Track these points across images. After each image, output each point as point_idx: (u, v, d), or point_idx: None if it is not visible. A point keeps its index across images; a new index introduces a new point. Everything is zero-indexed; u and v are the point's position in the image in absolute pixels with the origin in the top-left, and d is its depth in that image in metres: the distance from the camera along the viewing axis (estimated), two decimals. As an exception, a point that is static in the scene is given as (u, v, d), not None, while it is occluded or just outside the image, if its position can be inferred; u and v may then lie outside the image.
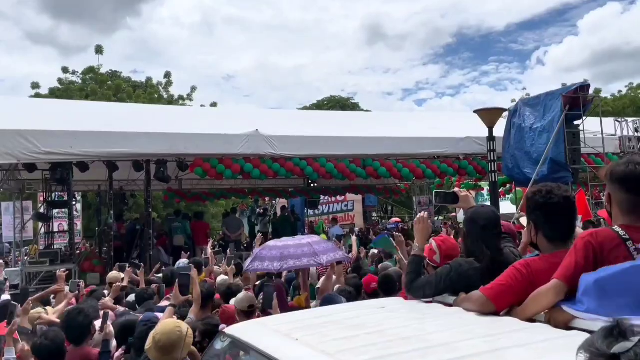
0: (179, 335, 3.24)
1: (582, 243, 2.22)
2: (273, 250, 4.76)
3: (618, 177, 2.26)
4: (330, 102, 36.58)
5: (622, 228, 2.23)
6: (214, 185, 16.21)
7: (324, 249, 4.75)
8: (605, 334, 1.23)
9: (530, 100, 11.56)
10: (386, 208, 28.19)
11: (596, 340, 1.23)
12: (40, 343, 3.80)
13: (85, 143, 9.70)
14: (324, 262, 4.74)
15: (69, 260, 11.19)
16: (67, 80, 24.94)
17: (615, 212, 2.33)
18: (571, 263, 2.21)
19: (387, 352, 1.80)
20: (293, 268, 4.89)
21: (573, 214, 2.51)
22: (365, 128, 13.55)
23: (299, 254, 4.61)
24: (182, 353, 3.26)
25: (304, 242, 4.83)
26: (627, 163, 2.26)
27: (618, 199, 2.28)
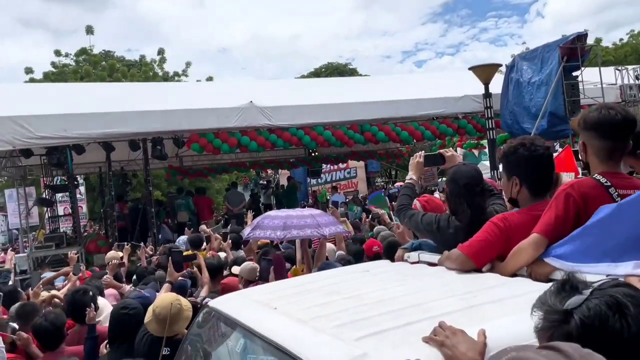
0: (178, 308, 3.29)
1: (563, 195, 2.18)
2: (275, 219, 4.76)
3: (592, 124, 2.21)
4: (327, 69, 36.14)
5: (602, 175, 2.20)
6: (215, 160, 16.18)
7: (326, 222, 4.76)
8: (557, 289, 1.20)
9: (528, 54, 11.36)
10: (390, 172, 28.13)
11: (549, 296, 1.20)
12: (40, 324, 3.85)
13: (79, 125, 9.66)
14: (327, 234, 4.74)
15: (75, 243, 11.28)
16: (61, 64, 24.75)
17: (592, 160, 2.28)
18: (551, 217, 2.17)
19: (361, 316, 1.79)
20: (296, 238, 4.89)
21: (553, 165, 2.48)
22: (362, 93, 13.39)
23: (302, 225, 4.61)
24: (181, 325, 3.31)
25: (306, 213, 4.85)
26: (600, 108, 2.21)
27: (594, 146, 2.24)
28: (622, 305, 1.11)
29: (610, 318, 1.10)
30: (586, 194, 2.16)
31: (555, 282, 1.26)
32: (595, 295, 1.15)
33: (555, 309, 1.17)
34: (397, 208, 3.11)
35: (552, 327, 1.16)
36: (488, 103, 10.14)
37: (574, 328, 1.12)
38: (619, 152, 2.23)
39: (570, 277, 1.22)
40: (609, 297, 1.13)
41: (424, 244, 2.95)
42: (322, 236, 4.91)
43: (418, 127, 12.41)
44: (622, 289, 1.15)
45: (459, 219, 2.73)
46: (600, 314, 1.11)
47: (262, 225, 4.97)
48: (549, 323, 1.17)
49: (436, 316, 1.69)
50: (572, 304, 1.15)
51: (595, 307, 1.12)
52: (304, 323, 1.80)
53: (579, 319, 1.12)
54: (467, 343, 1.46)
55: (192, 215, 14.27)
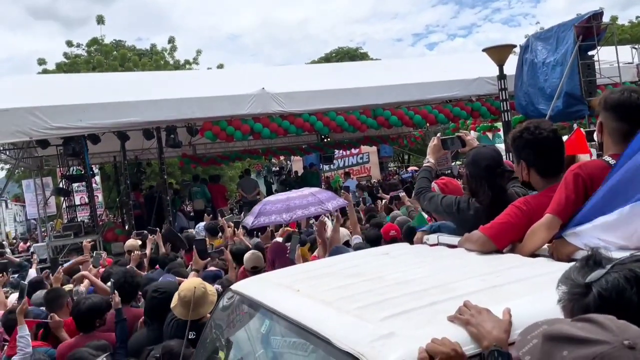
0: (203, 291, 3.35)
1: (571, 176, 2.20)
2: (277, 203, 4.78)
3: (612, 104, 2.20)
4: (338, 54, 35.90)
5: (612, 157, 2.19)
6: (228, 148, 16.26)
7: (326, 197, 4.77)
8: (581, 264, 1.22)
9: (542, 34, 11.17)
10: (402, 157, 28.03)
11: (572, 271, 1.22)
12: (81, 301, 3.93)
13: (94, 115, 9.75)
14: (331, 208, 4.76)
15: (92, 232, 11.44)
16: (73, 54, 24.85)
17: (606, 141, 2.28)
18: (562, 197, 2.19)
19: (383, 297, 1.81)
20: (302, 217, 4.92)
21: (562, 147, 2.47)
22: (374, 77, 13.30)
23: (305, 204, 4.63)
24: (206, 309, 3.37)
25: (305, 192, 4.85)
26: (622, 91, 2.20)
27: (610, 127, 2.23)
28: (639, 279, 1.12)
29: (627, 291, 1.12)
30: (594, 174, 2.17)
31: (580, 258, 1.27)
32: (615, 269, 1.16)
33: (577, 283, 1.19)
34: (416, 191, 3.12)
35: (573, 300, 1.19)
36: (502, 85, 10.02)
37: (591, 300, 1.14)
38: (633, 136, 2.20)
39: (595, 252, 1.24)
40: (628, 271, 1.14)
41: (443, 226, 2.96)
42: (326, 211, 4.91)
43: (431, 111, 12.33)
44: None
45: (479, 200, 2.73)
46: (618, 286, 1.13)
47: (265, 211, 4.96)
48: (570, 296, 1.20)
49: (459, 296, 1.71)
50: (593, 277, 1.17)
51: (614, 280, 1.14)
52: (328, 304, 1.82)
53: (597, 292, 1.14)
54: (493, 321, 1.48)
55: (207, 203, 14.39)
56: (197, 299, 3.26)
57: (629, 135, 2.18)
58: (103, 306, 3.92)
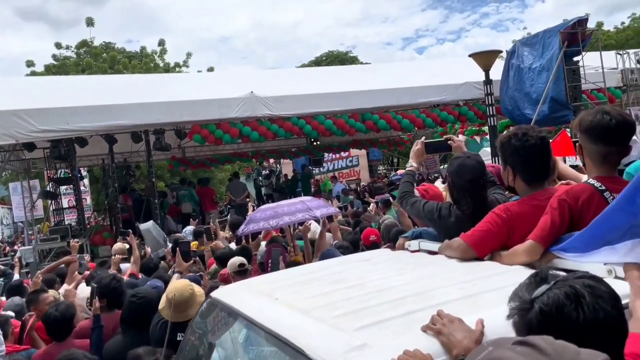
0: (191, 292, 3.35)
1: (557, 202, 2.20)
2: (267, 211, 4.84)
3: (586, 127, 2.21)
4: (328, 57, 35.94)
5: (597, 180, 2.20)
6: (217, 151, 16.22)
7: (316, 205, 4.82)
8: (529, 281, 1.25)
9: (528, 40, 11.29)
10: (392, 160, 28.13)
11: (521, 288, 1.25)
12: (50, 313, 3.90)
13: (81, 118, 9.69)
14: (319, 215, 4.80)
15: (80, 235, 11.34)
16: (62, 56, 24.68)
17: (587, 163, 2.29)
18: (547, 223, 2.19)
19: (361, 305, 1.82)
20: (289, 223, 4.97)
21: (549, 154, 2.47)
22: (363, 82, 13.35)
23: (293, 210, 4.69)
24: (194, 310, 3.37)
25: (296, 200, 4.90)
26: (596, 113, 2.20)
27: (588, 149, 2.24)
28: (579, 295, 1.14)
29: (566, 307, 1.14)
30: (581, 199, 2.17)
31: (529, 275, 1.30)
32: (557, 285, 1.19)
33: (524, 299, 1.22)
34: (400, 195, 3.13)
35: (518, 316, 1.21)
36: (489, 90, 10.11)
37: (533, 316, 1.17)
38: (613, 157, 2.21)
39: (542, 269, 1.27)
40: (569, 287, 1.17)
41: (425, 233, 2.97)
42: (313, 218, 4.95)
43: (419, 115, 12.39)
44: (584, 280, 1.19)
45: (461, 209, 2.75)
46: (558, 302, 1.15)
47: (255, 218, 5.07)
48: (517, 312, 1.22)
49: (436, 305, 1.72)
50: (537, 293, 1.19)
51: (555, 296, 1.16)
52: (304, 313, 1.83)
53: (539, 308, 1.17)
54: (464, 331, 1.49)
55: (195, 206, 14.33)
56: (184, 300, 3.26)
57: (609, 156, 2.19)
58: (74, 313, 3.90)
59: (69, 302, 4.23)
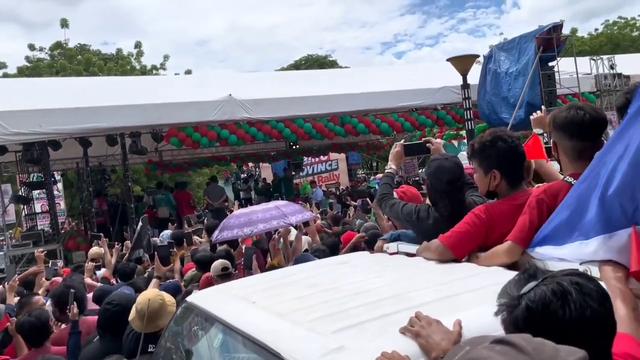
0: (160, 303, 3.26)
1: (535, 201, 2.21)
2: (241, 217, 4.77)
3: (560, 124, 2.23)
4: (307, 61, 35.98)
5: (573, 177, 2.21)
6: (195, 155, 16.06)
7: (292, 211, 4.76)
8: (518, 277, 1.24)
9: (505, 45, 11.44)
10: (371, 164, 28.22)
11: (509, 284, 1.24)
12: (24, 320, 3.81)
13: (55, 121, 9.48)
14: (294, 222, 4.74)
15: (53, 240, 11.10)
16: (35, 58, 24.20)
17: (563, 160, 2.31)
18: (525, 222, 2.20)
19: (338, 308, 1.80)
20: (263, 231, 4.90)
21: (524, 155, 2.50)
22: (342, 85, 13.38)
23: (268, 217, 4.62)
24: (164, 321, 3.29)
25: (271, 206, 4.84)
26: (569, 108, 2.23)
27: (563, 146, 2.26)
28: (566, 292, 1.14)
29: (552, 303, 1.14)
30: (559, 197, 2.17)
31: (518, 272, 1.29)
32: (545, 282, 1.18)
33: (512, 296, 1.21)
34: (379, 197, 3.12)
35: (506, 313, 1.21)
36: (466, 94, 10.21)
37: (520, 312, 1.16)
38: (588, 152, 2.21)
39: (530, 265, 1.26)
40: (556, 284, 1.16)
41: (403, 235, 2.96)
42: (289, 225, 4.90)
43: (398, 119, 12.45)
44: (572, 277, 1.18)
45: (439, 211, 2.75)
46: (544, 299, 1.15)
47: (229, 225, 4.98)
48: (504, 308, 1.21)
49: (413, 307, 1.70)
50: (525, 290, 1.19)
51: (541, 293, 1.16)
52: (281, 317, 1.80)
53: (525, 304, 1.16)
54: (442, 333, 1.48)
55: (172, 211, 14.15)
56: (154, 311, 3.17)
57: (584, 152, 2.20)
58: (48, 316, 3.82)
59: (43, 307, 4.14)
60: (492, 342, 0.95)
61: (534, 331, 1.02)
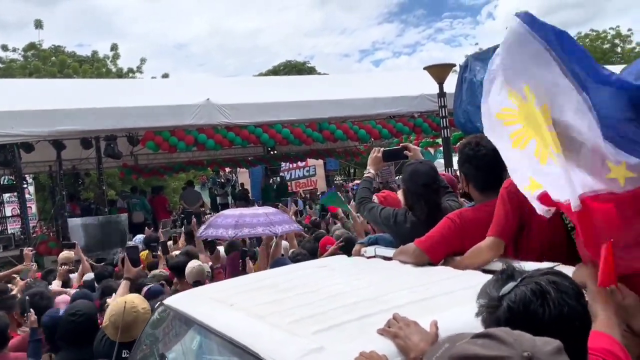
0: (134, 315, 3.18)
1: (507, 193, 2.29)
2: (228, 218, 4.75)
3: None
4: (286, 67, 35.99)
5: None
6: (171, 159, 15.88)
7: (279, 220, 4.76)
8: (496, 278, 1.27)
9: (480, 55, 11.57)
10: (349, 171, 28.32)
11: (488, 285, 1.27)
12: None
13: (28, 123, 9.27)
14: (279, 232, 4.74)
15: (24, 244, 10.83)
16: (8, 59, 23.71)
17: None
18: (500, 216, 2.28)
19: (317, 310, 1.82)
20: (247, 236, 4.90)
21: (502, 164, 2.54)
22: (320, 91, 13.43)
23: (255, 223, 4.61)
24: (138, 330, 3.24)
25: (259, 212, 4.84)
26: None
27: None
28: (545, 292, 1.20)
29: (533, 303, 1.19)
30: None
31: (497, 272, 1.33)
32: (524, 282, 1.23)
33: (492, 296, 1.25)
34: (358, 201, 3.18)
35: (487, 313, 1.25)
36: (442, 102, 10.33)
37: (502, 313, 1.21)
38: None
39: (508, 266, 1.30)
40: (535, 284, 1.21)
41: (380, 239, 3.00)
42: (274, 234, 4.90)
43: (375, 126, 12.54)
44: (549, 277, 1.24)
45: (416, 215, 2.80)
46: (525, 299, 1.20)
47: (215, 223, 4.96)
48: (485, 309, 1.26)
49: (390, 308, 1.73)
50: (504, 291, 1.23)
51: (522, 293, 1.21)
52: (260, 319, 1.80)
53: (507, 305, 1.21)
54: (420, 334, 1.51)
55: (147, 215, 13.97)
56: (128, 323, 3.10)
57: None
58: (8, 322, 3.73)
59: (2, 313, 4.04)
60: (474, 336, 0.99)
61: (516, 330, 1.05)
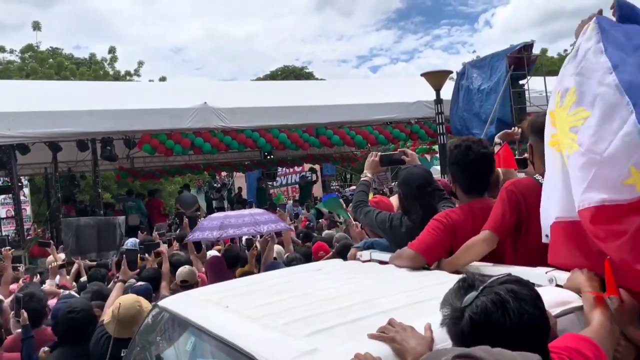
0: (138, 309, 3.25)
1: (506, 193, 2.36)
2: (214, 220, 4.79)
3: (537, 128, 2.36)
4: (283, 72, 36.07)
5: (541, 175, 2.36)
6: (167, 162, 15.85)
7: (265, 220, 4.78)
8: (457, 287, 1.30)
9: (477, 62, 11.71)
10: (345, 176, 28.34)
11: (450, 294, 1.30)
12: None
13: (24, 124, 9.27)
14: (264, 231, 4.76)
15: (18, 247, 10.77)
16: (5, 60, 23.67)
17: (536, 161, 2.45)
18: (498, 213, 2.33)
19: (311, 313, 1.82)
20: (232, 236, 4.94)
21: (489, 169, 2.61)
22: (318, 97, 13.46)
23: (240, 223, 4.64)
24: None
25: (245, 212, 4.86)
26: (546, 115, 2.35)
27: (539, 148, 2.39)
28: (504, 301, 1.23)
29: (494, 313, 1.22)
30: (525, 190, 2.36)
31: (457, 280, 1.35)
32: (484, 293, 1.26)
33: (455, 307, 1.28)
34: (354, 204, 3.19)
35: (450, 324, 1.28)
36: (439, 109, 10.39)
37: (465, 324, 1.24)
38: None
39: (468, 275, 1.33)
40: (494, 295, 1.25)
41: (376, 243, 3.01)
42: (258, 234, 4.92)
43: (372, 132, 12.58)
44: (507, 285, 1.27)
45: (411, 219, 2.81)
46: (486, 310, 1.23)
47: (202, 226, 5.05)
48: (448, 320, 1.29)
49: (384, 312, 1.74)
50: (466, 301, 1.26)
51: (482, 304, 1.24)
52: (254, 320, 1.81)
53: (469, 316, 1.24)
54: (417, 338, 1.52)
55: (143, 218, 13.93)
56: (132, 316, 3.16)
57: None
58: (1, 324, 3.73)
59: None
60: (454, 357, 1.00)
61: (479, 340, 1.12)
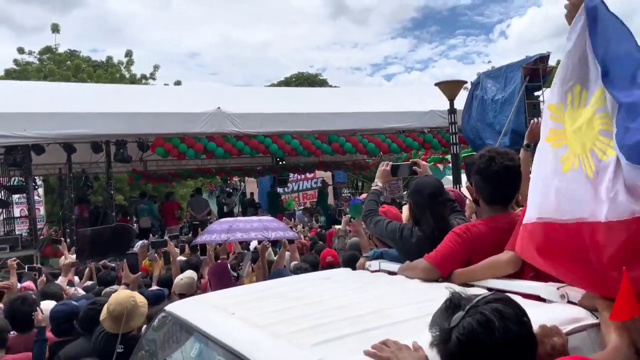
0: (133, 304, 3.29)
1: None
2: (223, 224, 4.83)
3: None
4: (298, 78, 36.18)
5: None
6: (180, 166, 15.95)
7: (274, 227, 4.78)
8: (445, 307, 1.32)
9: (492, 73, 11.63)
10: (356, 184, 28.29)
11: (438, 315, 1.31)
12: None
13: (40, 125, 9.40)
14: (272, 237, 4.75)
15: (30, 246, 10.90)
16: (24, 61, 23.99)
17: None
18: None
19: (319, 322, 1.80)
20: (240, 240, 4.96)
21: (513, 181, 2.47)
22: (331, 104, 13.47)
23: (248, 228, 4.65)
24: (136, 322, 3.34)
25: (255, 218, 4.87)
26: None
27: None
28: (489, 321, 1.26)
29: (480, 334, 1.25)
30: None
31: (445, 300, 1.36)
32: (470, 313, 1.28)
33: (443, 328, 1.30)
34: (364, 213, 3.15)
35: (439, 344, 1.31)
36: (453, 119, 10.33)
37: (453, 345, 1.27)
38: None
39: (453, 294, 1.35)
40: (480, 315, 1.27)
41: (385, 253, 2.97)
42: (267, 239, 4.93)
43: (385, 140, 12.55)
44: (492, 305, 1.29)
45: (422, 229, 2.76)
46: (473, 331, 1.26)
47: (210, 230, 5.12)
48: (436, 341, 1.31)
49: (394, 323, 1.71)
50: (453, 322, 1.28)
51: (469, 325, 1.26)
52: (261, 328, 1.79)
53: (456, 337, 1.27)
54: (413, 358, 1.49)
55: (155, 221, 14.01)
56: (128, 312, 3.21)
57: None
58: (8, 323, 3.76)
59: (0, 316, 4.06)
60: None
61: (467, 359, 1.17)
